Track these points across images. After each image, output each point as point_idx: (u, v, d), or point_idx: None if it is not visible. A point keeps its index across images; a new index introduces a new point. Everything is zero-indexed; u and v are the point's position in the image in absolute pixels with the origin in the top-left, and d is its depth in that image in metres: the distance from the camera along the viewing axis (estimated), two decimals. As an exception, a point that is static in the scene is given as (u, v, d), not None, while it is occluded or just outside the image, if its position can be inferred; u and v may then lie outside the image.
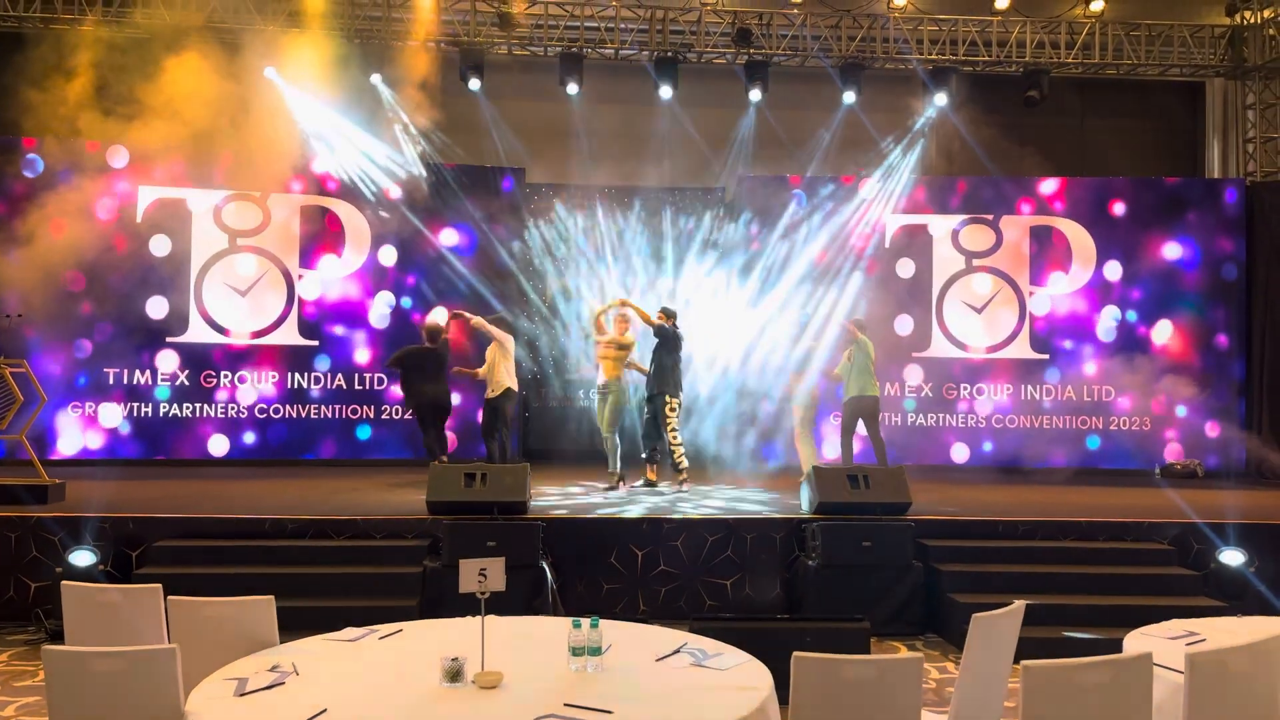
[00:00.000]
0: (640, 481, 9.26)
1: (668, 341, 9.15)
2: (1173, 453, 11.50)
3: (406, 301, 11.42)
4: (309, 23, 10.86)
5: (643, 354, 9.61)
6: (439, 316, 9.84)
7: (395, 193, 11.39)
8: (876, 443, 9.59)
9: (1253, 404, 11.59)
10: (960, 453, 11.64)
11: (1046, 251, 11.80)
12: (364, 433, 11.32)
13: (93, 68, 9.97)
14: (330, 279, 11.35)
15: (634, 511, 7.80)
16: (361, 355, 11.33)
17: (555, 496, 8.61)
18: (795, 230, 11.75)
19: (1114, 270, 11.74)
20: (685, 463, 9.17)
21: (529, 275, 11.75)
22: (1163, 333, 11.68)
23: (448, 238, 11.47)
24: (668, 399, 9.09)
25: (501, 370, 9.25)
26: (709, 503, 8.42)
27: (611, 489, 9.02)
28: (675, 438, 9.14)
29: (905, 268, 11.77)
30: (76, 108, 9.91)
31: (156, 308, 10.91)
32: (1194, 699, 3.14)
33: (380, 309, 11.40)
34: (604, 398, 9.29)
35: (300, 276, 11.29)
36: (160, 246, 10.95)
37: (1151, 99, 12.95)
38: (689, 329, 10.36)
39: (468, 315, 9.65)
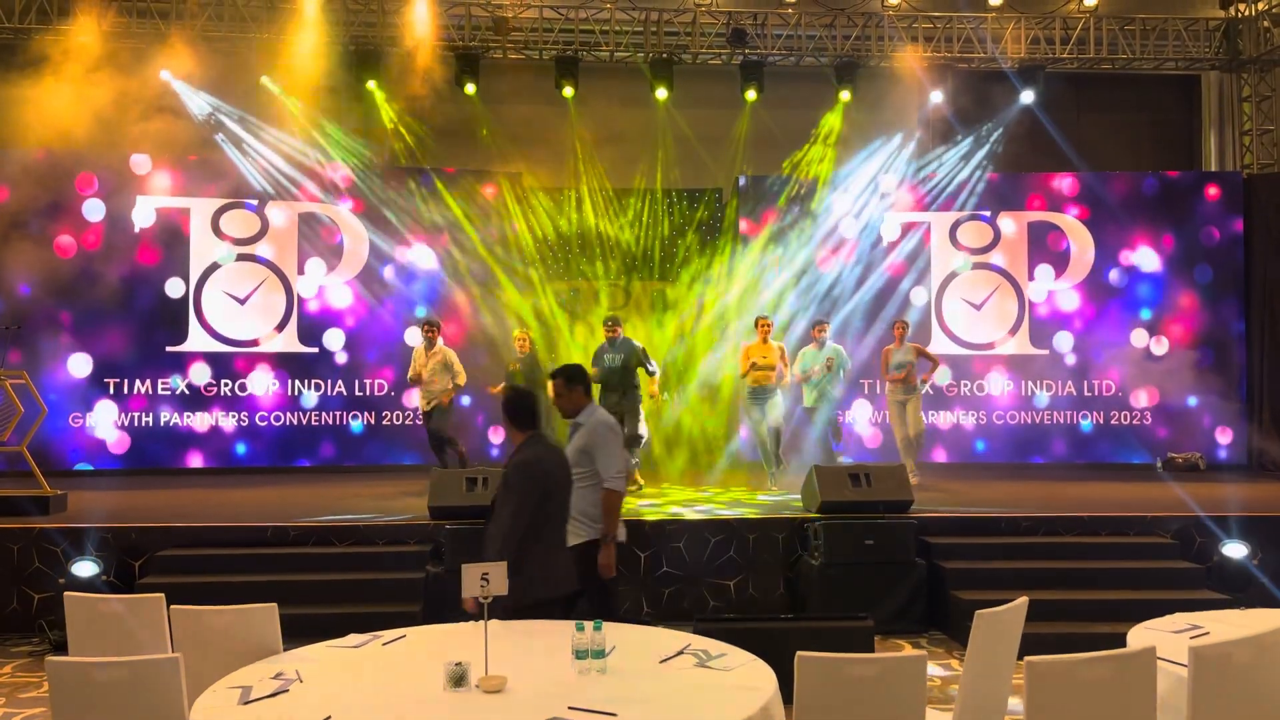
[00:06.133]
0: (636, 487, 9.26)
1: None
2: (1174, 446, 11.48)
3: (405, 307, 11.40)
4: (303, 30, 10.87)
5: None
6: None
7: (392, 198, 11.40)
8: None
9: (1254, 396, 11.58)
10: (962, 449, 11.63)
11: (1044, 247, 11.80)
12: (365, 439, 11.30)
13: (87, 77, 9.98)
14: (329, 285, 11.34)
15: (636, 514, 7.80)
16: (361, 361, 11.31)
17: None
18: (793, 229, 11.76)
19: (1112, 264, 11.74)
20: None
21: (526, 278, 11.73)
22: (1162, 326, 11.66)
23: (444, 242, 11.46)
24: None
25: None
26: (711, 504, 8.42)
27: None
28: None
29: (903, 265, 11.78)
30: (72, 118, 9.92)
31: (155, 317, 10.90)
32: (1198, 692, 3.14)
33: (380, 314, 11.39)
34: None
35: (299, 283, 11.28)
36: (158, 256, 10.95)
37: (1147, 93, 12.95)
38: (689, 331, 10.38)
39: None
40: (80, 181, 10.73)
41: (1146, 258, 11.75)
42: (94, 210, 10.77)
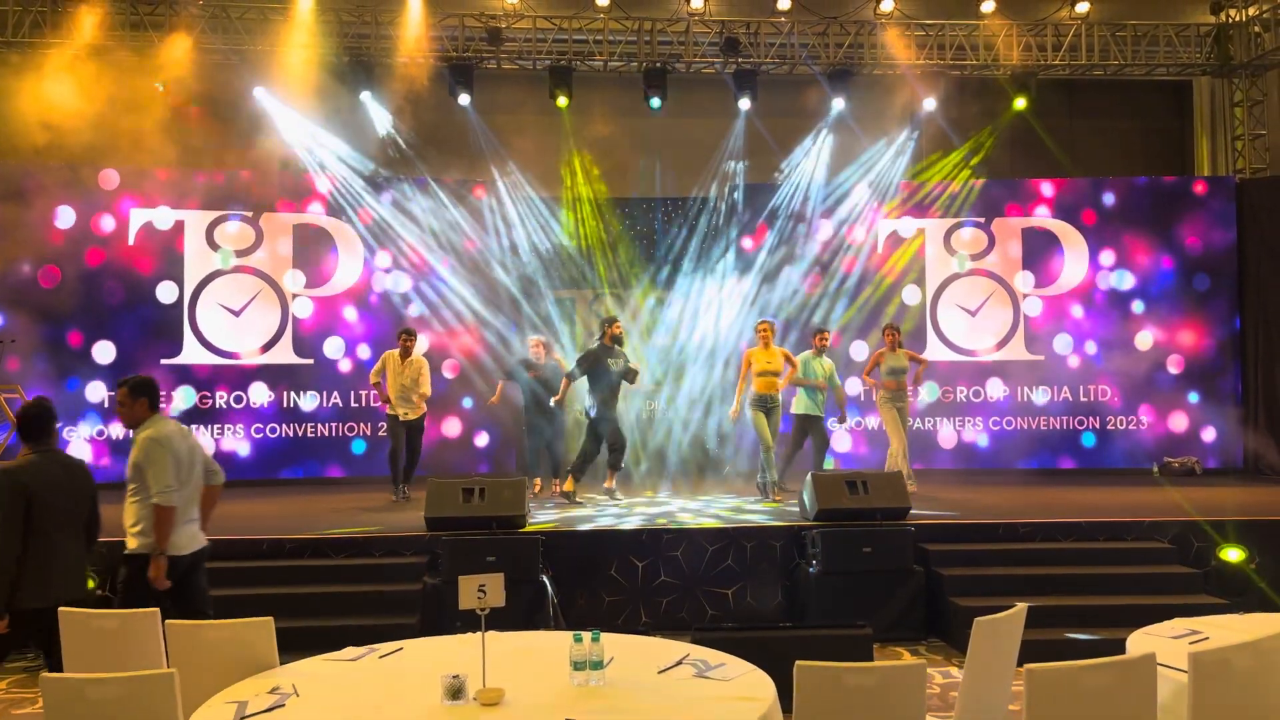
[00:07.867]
0: (562, 492, 9.09)
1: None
2: (1171, 450, 11.49)
3: (401, 317, 11.39)
4: (298, 42, 10.88)
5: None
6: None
7: (387, 209, 11.41)
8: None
9: (1249, 399, 11.60)
10: (958, 456, 11.63)
11: (1039, 253, 11.83)
12: (361, 450, 11.28)
13: (83, 90, 9.98)
14: (324, 297, 11.34)
15: (633, 523, 7.79)
16: (356, 372, 11.29)
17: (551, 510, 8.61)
18: (788, 237, 11.78)
19: (1106, 270, 11.77)
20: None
21: (522, 288, 11.72)
22: (1157, 331, 11.68)
23: (440, 253, 11.46)
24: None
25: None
26: (709, 512, 8.40)
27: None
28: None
29: (898, 272, 11.80)
30: (67, 130, 9.92)
31: (150, 329, 10.88)
32: (1198, 698, 3.13)
33: (376, 324, 11.38)
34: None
35: (294, 295, 11.27)
36: (153, 268, 10.93)
37: (1139, 99, 12.99)
38: (688, 337, 10.34)
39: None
40: (74, 193, 10.71)
41: (1140, 263, 11.76)
42: (88, 222, 10.74)
